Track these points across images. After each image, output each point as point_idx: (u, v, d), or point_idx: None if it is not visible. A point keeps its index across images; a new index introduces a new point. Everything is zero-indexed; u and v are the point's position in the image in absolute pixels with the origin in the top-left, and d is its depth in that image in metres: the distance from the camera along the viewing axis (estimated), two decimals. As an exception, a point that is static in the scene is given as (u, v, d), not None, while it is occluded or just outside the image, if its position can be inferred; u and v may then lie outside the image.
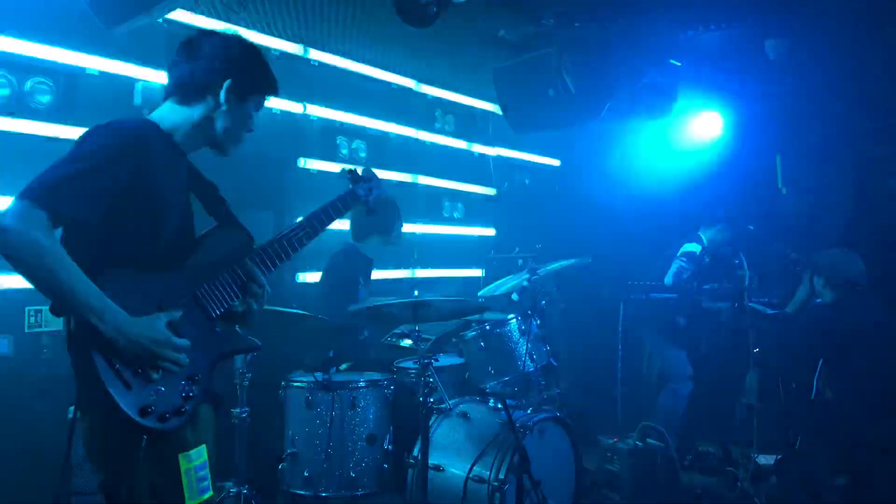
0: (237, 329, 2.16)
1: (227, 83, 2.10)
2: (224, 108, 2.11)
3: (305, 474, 3.67)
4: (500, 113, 5.35)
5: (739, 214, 5.40)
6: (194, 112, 2.10)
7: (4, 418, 3.94)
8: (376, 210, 2.64)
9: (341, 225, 4.80)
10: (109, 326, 1.79)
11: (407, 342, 4.62)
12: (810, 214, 5.97)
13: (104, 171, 1.86)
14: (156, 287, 1.94)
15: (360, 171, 2.63)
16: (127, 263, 1.91)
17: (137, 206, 1.92)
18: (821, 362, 4.43)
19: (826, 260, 4.39)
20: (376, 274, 4.67)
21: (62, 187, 1.80)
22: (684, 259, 5.24)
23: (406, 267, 5.81)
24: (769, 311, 5.07)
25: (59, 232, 1.84)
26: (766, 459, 4.92)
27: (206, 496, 1.96)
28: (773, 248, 5.63)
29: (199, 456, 1.95)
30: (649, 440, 4.87)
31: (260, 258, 2.17)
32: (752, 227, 5.17)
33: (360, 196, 2.55)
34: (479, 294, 4.56)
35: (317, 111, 5.17)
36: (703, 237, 5.43)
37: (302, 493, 3.71)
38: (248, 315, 2.16)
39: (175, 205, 2.03)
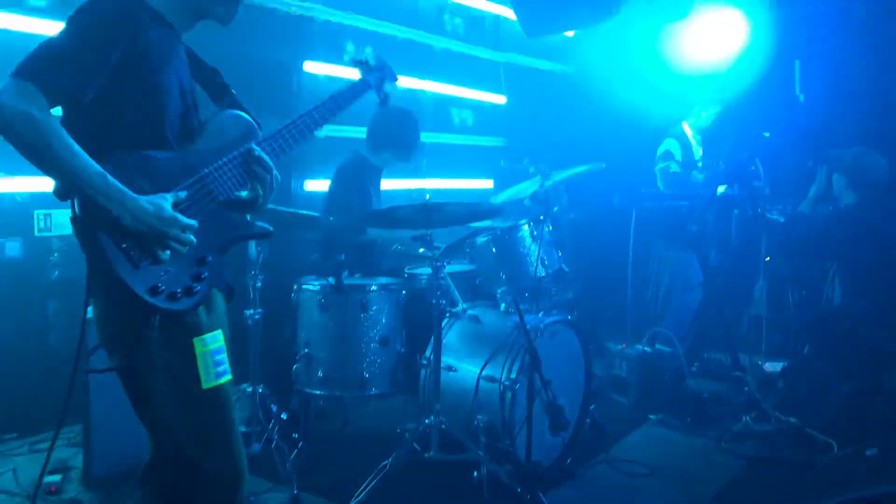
0: (247, 216, 2.13)
1: None
2: None
3: (319, 375, 3.72)
4: (512, 16, 5.18)
5: (755, 121, 5.29)
6: None
7: (19, 319, 3.98)
8: (388, 102, 2.58)
9: (356, 133, 4.76)
10: (115, 204, 1.76)
11: (418, 250, 4.60)
12: (828, 123, 5.84)
13: (95, 45, 1.81)
14: (160, 169, 1.90)
15: (371, 61, 2.55)
16: (129, 146, 1.87)
17: (134, 85, 1.87)
18: (833, 267, 4.40)
19: (849, 158, 4.27)
20: (385, 184, 4.62)
21: (53, 62, 1.76)
22: (663, 160, 5.21)
23: (415, 177, 5.75)
24: (782, 220, 5.02)
25: (59, 113, 1.81)
26: (773, 367, 4.96)
27: (224, 380, 1.96)
28: (789, 157, 5.55)
29: (214, 340, 1.95)
30: (658, 346, 4.92)
31: (268, 144, 2.12)
32: (767, 135, 5.08)
33: (371, 84, 2.49)
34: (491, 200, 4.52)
35: (322, 13, 5.01)
36: (687, 131, 5.37)
37: (316, 392, 3.76)
38: (256, 202, 2.12)
39: (174, 85, 1.97)
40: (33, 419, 3.75)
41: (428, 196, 3.57)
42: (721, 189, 5.12)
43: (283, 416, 3.68)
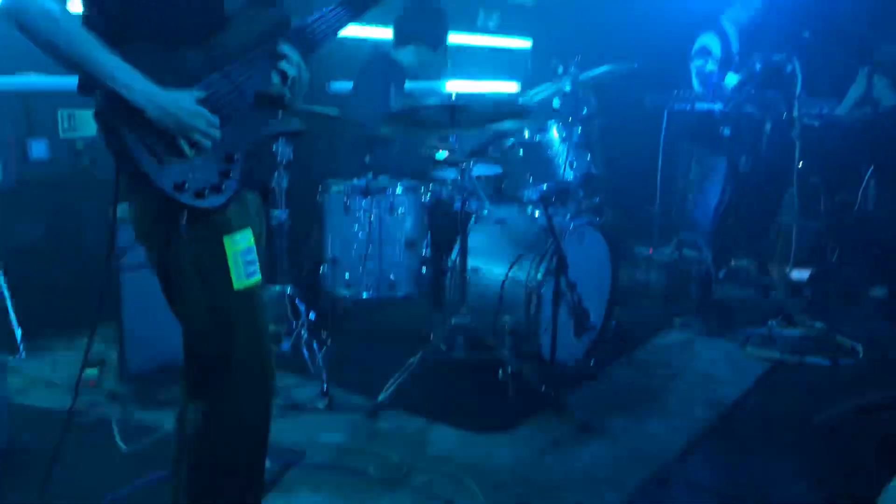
0: (277, 113, 2.08)
1: None
2: None
3: (346, 277, 3.75)
4: None
5: (796, 19, 5.06)
6: None
7: (51, 220, 4.03)
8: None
9: (381, 33, 4.63)
10: (138, 96, 1.72)
11: (443, 153, 4.55)
12: (871, 22, 5.57)
13: None
14: (184, 63, 1.85)
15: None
16: (152, 40, 1.82)
17: None
18: (869, 171, 4.30)
19: (892, 58, 4.10)
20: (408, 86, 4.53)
21: None
22: (699, 57, 4.98)
23: (439, 79, 5.62)
24: (816, 124, 4.88)
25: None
26: (801, 274, 4.93)
27: (254, 280, 1.96)
28: (828, 58, 5.33)
29: (244, 240, 1.94)
30: (685, 251, 4.88)
31: (297, 37, 2.05)
32: (807, 35, 4.86)
33: None
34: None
35: None
36: (726, 26, 5.13)
37: (343, 294, 3.80)
38: (285, 99, 2.07)
39: None
40: (70, 316, 3.83)
41: (454, 96, 3.49)
42: (756, 91, 4.96)
43: (312, 315, 3.74)
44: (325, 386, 3.41)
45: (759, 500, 2.64)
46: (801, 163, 4.77)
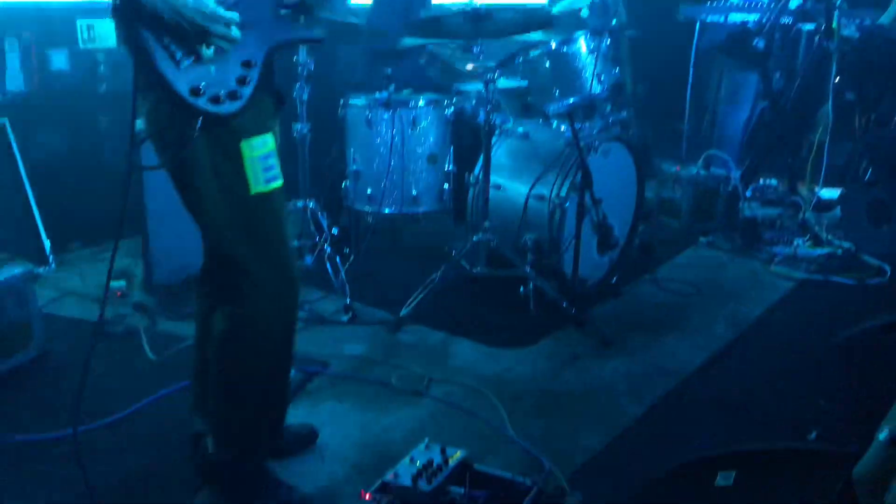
0: (298, 19, 2.02)
1: None
2: None
3: (368, 192, 3.73)
4: None
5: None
6: None
7: (73, 132, 4.03)
8: None
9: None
10: None
11: (468, 66, 4.44)
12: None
13: None
14: None
15: None
16: None
17: None
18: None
19: None
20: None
21: None
22: None
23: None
24: (857, 35, 4.67)
25: None
26: (830, 194, 4.83)
27: (274, 185, 1.95)
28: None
29: (263, 145, 1.92)
30: (713, 169, 4.79)
31: None
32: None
33: None
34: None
35: None
36: None
37: (365, 209, 3.79)
38: (306, 4, 2.01)
39: None
40: (94, 229, 3.88)
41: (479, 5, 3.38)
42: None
43: (334, 231, 3.74)
44: (348, 300, 3.44)
45: (777, 416, 2.65)
46: (837, 78, 4.60)
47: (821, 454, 1.67)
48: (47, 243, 3.74)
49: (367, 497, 1.96)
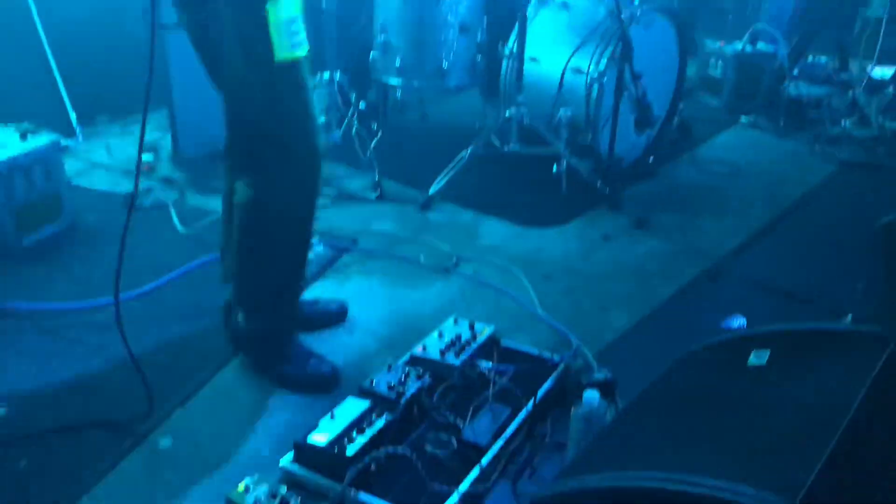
0: None
1: None
2: None
3: (397, 64, 3.58)
4: None
5: None
6: None
7: (92, 5, 3.89)
8: None
9: None
10: None
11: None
12: None
13: None
14: None
15: None
16: None
17: None
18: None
19: None
20: None
21: None
22: None
23: None
24: None
25: None
26: (883, 72, 4.58)
27: (299, 52, 1.86)
28: None
29: (290, 8, 1.81)
30: (759, 45, 4.55)
31: None
32: None
33: None
34: None
35: None
36: None
37: (394, 82, 3.67)
38: None
39: None
40: (121, 102, 3.82)
41: None
42: None
43: (362, 105, 3.64)
44: (377, 177, 3.39)
45: (813, 299, 2.60)
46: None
47: (857, 335, 1.63)
48: (73, 115, 3.69)
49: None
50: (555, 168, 3.34)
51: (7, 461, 1.83)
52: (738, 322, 2.45)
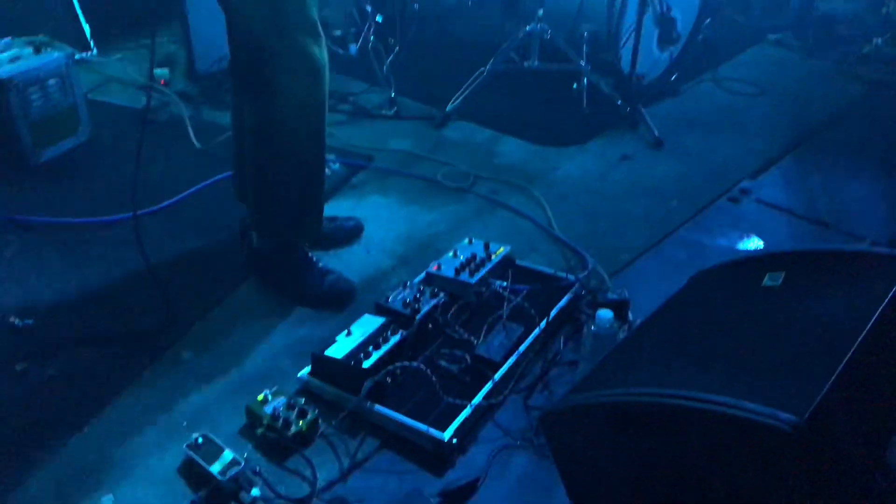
0: None
1: None
2: None
3: (414, -24, 3.50)
4: None
5: None
6: None
7: None
8: None
9: None
10: None
11: None
12: None
13: None
14: None
15: None
16: None
17: None
18: None
19: None
20: None
21: None
22: None
23: None
24: None
25: None
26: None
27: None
28: None
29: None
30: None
31: None
32: None
33: None
34: None
35: None
36: None
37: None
38: None
39: None
40: (135, 16, 3.76)
41: None
42: None
43: (379, 19, 3.55)
44: (393, 94, 3.34)
45: (830, 221, 2.57)
46: None
47: (874, 257, 1.62)
48: (87, 28, 3.64)
49: (411, 286, 1.99)
50: (575, 85, 3.28)
51: (35, 370, 1.89)
52: (755, 244, 2.44)
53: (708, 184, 2.81)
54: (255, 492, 1.53)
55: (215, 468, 1.54)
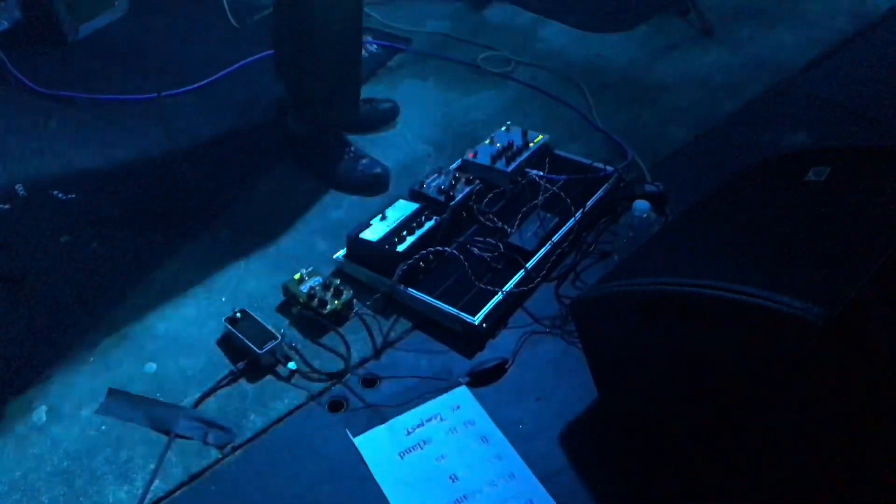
0: None
1: None
2: None
3: None
4: None
5: None
6: None
7: None
8: None
9: None
10: None
11: None
12: None
13: None
14: None
15: None
16: None
17: None
18: None
19: None
20: None
21: None
22: None
23: None
24: None
25: None
26: None
27: None
28: None
29: None
30: None
31: None
32: None
33: None
34: None
35: None
36: None
37: None
38: None
39: None
40: None
41: None
42: None
43: None
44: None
45: (879, 118, 2.46)
46: None
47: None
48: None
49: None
50: (624, -32, 3.13)
51: (79, 243, 1.94)
52: (803, 139, 2.37)
53: (758, 76, 2.70)
54: (292, 365, 1.59)
55: (253, 341, 1.59)
